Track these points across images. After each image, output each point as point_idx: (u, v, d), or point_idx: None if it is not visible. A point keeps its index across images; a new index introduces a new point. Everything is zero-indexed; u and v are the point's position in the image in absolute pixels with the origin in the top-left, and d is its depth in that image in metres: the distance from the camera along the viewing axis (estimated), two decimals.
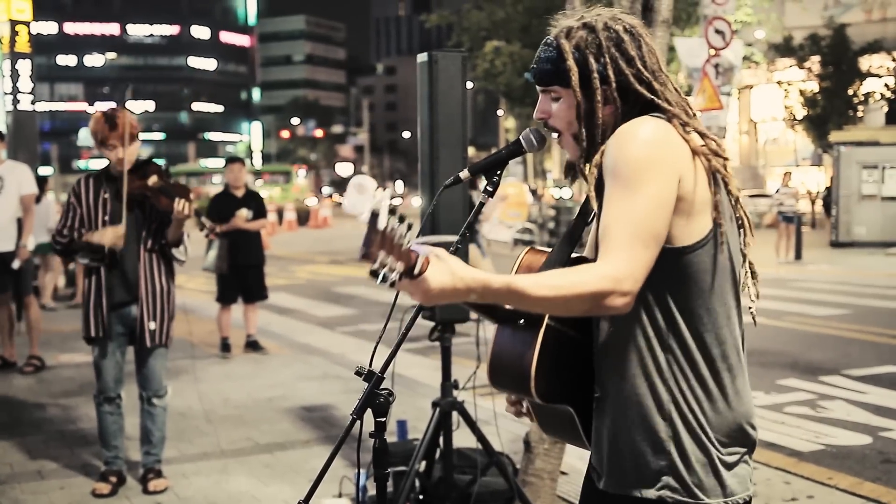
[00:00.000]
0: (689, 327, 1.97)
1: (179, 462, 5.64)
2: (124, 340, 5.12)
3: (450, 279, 1.83)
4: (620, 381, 2.01)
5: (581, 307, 1.87)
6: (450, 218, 4.33)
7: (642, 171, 1.89)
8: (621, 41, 2.03)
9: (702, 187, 1.95)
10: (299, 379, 8.09)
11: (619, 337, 2.01)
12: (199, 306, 12.28)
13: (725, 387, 1.99)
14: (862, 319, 11.32)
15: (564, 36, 2.07)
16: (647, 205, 1.88)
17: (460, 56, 4.52)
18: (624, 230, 1.87)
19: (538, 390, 2.01)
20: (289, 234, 33.24)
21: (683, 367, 1.97)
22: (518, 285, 1.86)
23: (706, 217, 1.96)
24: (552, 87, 2.09)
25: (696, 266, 1.96)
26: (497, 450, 4.62)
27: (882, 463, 5.76)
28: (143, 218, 5.04)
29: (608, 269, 1.85)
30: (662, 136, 1.93)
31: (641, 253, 1.87)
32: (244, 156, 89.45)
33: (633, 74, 2.02)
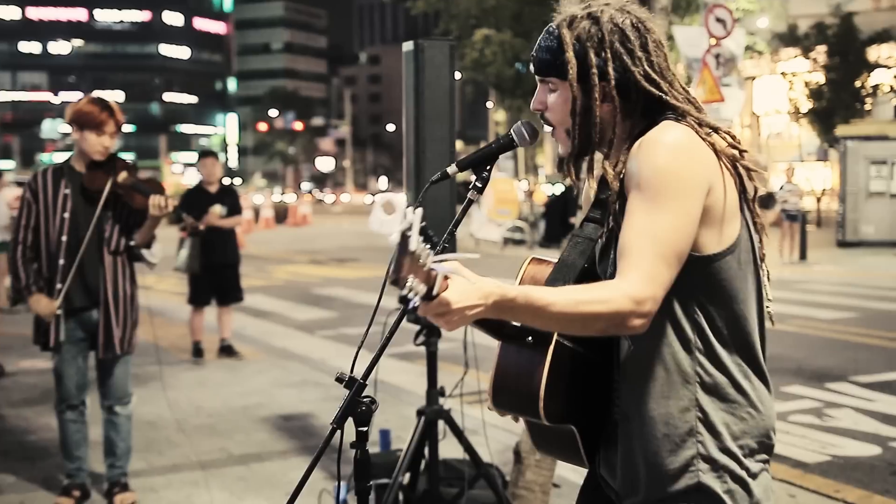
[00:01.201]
0: (718, 337, 1.99)
1: (148, 475, 5.60)
2: (85, 345, 5.07)
3: (467, 297, 1.82)
4: (646, 400, 2.02)
5: (598, 326, 1.89)
6: (437, 215, 4.31)
7: (669, 184, 1.89)
8: (626, 37, 2.02)
9: (731, 193, 1.96)
10: (276, 386, 8.07)
11: (644, 355, 2.02)
12: (170, 309, 12.25)
13: (753, 394, 2.02)
14: (870, 323, 11.37)
15: (567, 25, 2.06)
16: (673, 221, 1.88)
17: (448, 45, 4.51)
18: (648, 247, 1.88)
19: (547, 412, 2.02)
20: (266, 231, 33.23)
21: (713, 376, 1.99)
22: (536, 299, 1.86)
23: (735, 222, 1.98)
24: (550, 79, 2.09)
25: (725, 273, 1.98)
26: (485, 461, 4.62)
27: (892, 475, 5.77)
28: (107, 216, 4.98)
29: (630, 288, 1.86)
30: (689, 145, 1.93)
31: (664, 273, 1.88)
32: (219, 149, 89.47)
33: (639, 73, 2.01)
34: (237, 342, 9.70)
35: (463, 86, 30.47)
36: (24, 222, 4.96)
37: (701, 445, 1.99)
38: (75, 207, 4.93)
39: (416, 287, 1.76)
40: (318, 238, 29.38)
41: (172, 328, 10.81)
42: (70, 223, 4.91)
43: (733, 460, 1.99)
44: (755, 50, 25.91)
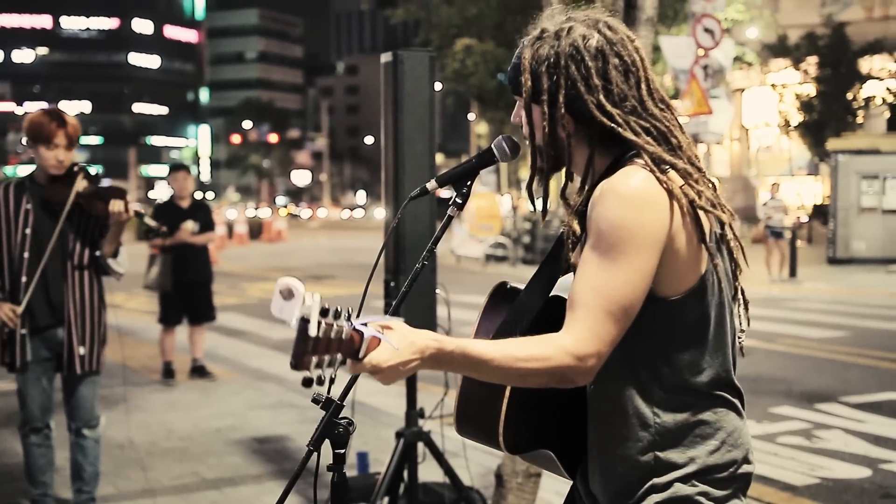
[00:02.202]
0: (680, 378, 2.01)
1: (116, 500, 5.59)
2: (50, 366, 5.03)
3: (398, 354, 1.85)
4: (608, 441, 2.07)
5: (539, 382, 1.91)
6: (415, 231, 4.35)
7: (622, 239, 1.90)
8: (583, 62, 2.00)
9: (690, 237, 1.96)
10: (251, 408, 8.05)
11: (604, 398, 2.07)
12: (140, 328, 12.21)
13: (717, 430, 2.04)
14: (861, 342, 11.44)
15: (531, 44, 2.07)
16: (624, 277, 1.90)
17: (428, 55, 4.55)
18: (596, 302, 1.89)
19: (506, 444, 2.06)
20: (239, 248, 33.13)
21: (676, 420, 2.02)
22: (475, 353, 1.88)
23: (697, 265, 1.98)
24: (515, 96, 2.13)
25: (688, 315, 1.99)
26: (466, 484, 4.64)
27: (882, 498, 5.82)
28: (69, 229, 4.95)
29: (573, 344, 1.88)
30: (646, 196, 1.92)
31: (610, 329, 1.90)
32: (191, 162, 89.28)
33: (592, 102, 2.00)
34: (210, 362, 9.67)
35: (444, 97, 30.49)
36: None
37: (658, 481, 2.02)
38: (37, 222, 4.89)
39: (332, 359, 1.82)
40: (294, 254, 29.32)
41: (142, 348, 10.77)
42: (32, 239, 4.88)
43: (692, 491, 2.01)
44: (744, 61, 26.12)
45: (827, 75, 36.87)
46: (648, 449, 2.02)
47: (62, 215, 4.87)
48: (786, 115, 38.49)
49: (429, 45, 26.53)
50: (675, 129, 2.05)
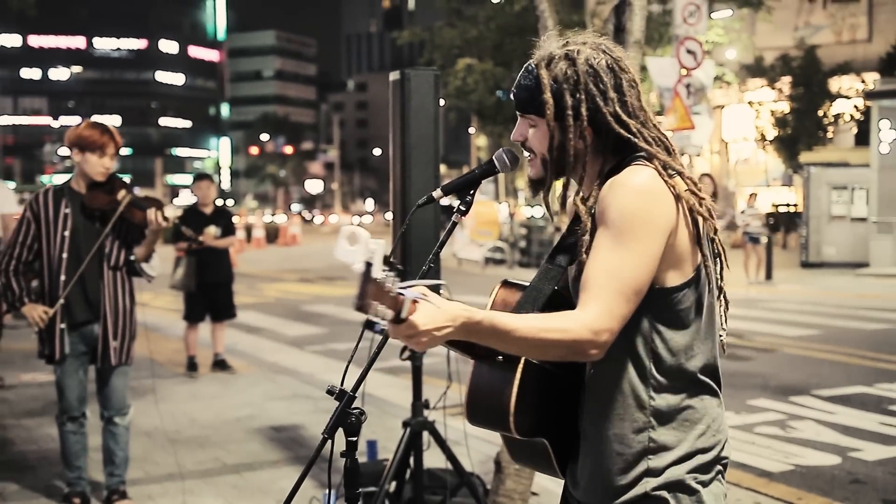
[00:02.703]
0: (674, 363, 2.04)
1: (145, 483, 5.59)
2: (86, 359, 5.06)
3: (434, 320, 1.86)
4: (604, 420, 2.07)
5: (556, 353, 1.94)
6: (422, 237, 4.35)
7: (634, 226, 1.93)
8: (600, 78, 2.05)
9: (687, 235, 2.01)
10: (268, 398, 8.06)
11: (604, 379, 2.07)
12: (166, 325, 12.22)
13: (704, 414, 2.07)
14: (832, 340, 11.44)
15: (545, 65, 2.08)
16: (634, 260, 1.93)
17: (432, 74, 4.55)
18: (609, 283, 1.92)
19: (517, 426, 2.06)
20: (257, 251, 33.13)
21: (668, 402, 2.04)
22: (501, 323, 1.90)
23: (693, 259, 2.02)
24: (529, 116, 2.12)
25: (682, 304, 2.03)
26: (468, 470, 4.64)
27: (851, 483, 5.82)
28: (109, 234, 4.99)
29: (590, 319, 1.90)
30: (654, 189, 1.97)
31: (622, 307, 1.93)
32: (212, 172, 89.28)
33: (610, 113, 2.04)
34: (230, 357, 9.68)
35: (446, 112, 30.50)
36: (20, 239, 4.95)
37: (651, 461, 2.03)
38: (75, 226, 4.94)
39: (382, 312, 1.81)
40: (308, 257, 29.31)
41: (168, 343, 10.78)
42: (70, 241, 4.93)
43: (684, 473, 2.03)
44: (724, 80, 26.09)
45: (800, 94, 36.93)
46: (643, 429, 2.03)
47: (103, 219, 4.93)
48: (762, 130, 38.53)
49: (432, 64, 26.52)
50: (665, 135, 2.10)
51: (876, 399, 8.06)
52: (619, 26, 4.43)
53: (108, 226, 4.90)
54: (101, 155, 4.90)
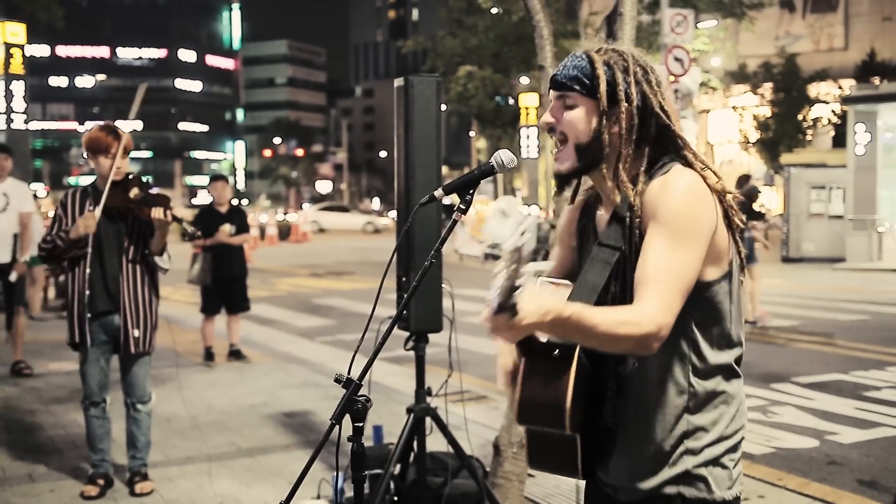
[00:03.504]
0: (709, 350, 2.04)
1: (165, 466, 5.59)
2: (108, 348, 5.07)
3: (531, 313, 1.81)
4: (645, 409, 2.07)
5: (627, 346, 1.92)
6: (425, 233, 4.34)
7: (688, 226, 1.93)
8: (647, 71, 2.06)
9: (725, 230, 2.02)
10: (280, 386, 8.05)
11: (646, 368, 2.06)
12: (185, 317, 12.21)
13: (735, 398, 2.09)
14: (810, 330, 11.43)
15: (595, 52, 2.08)
16: (689, 259, 1.93)
17: (435, 80, 4.53)
18: (668, 280, 1.91)
19: (572, 424, 2.01)
20: (270, 248, 33.10)
21: (705, 387, 2.05)
22: (587, 318, 1.87)
23: (729, 253, 2.04)
24: (570, 94, 2.06)
25: (719, 295, 2.03)
26: (468, 453, 4.63)
27: (828, 465, 5.81)
28: (124, 229, 5.00)
29: (655, 314, 1.89)
30: (702, 191, 1.97)
31: (678, 303, 1.93)
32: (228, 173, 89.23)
33: (656, 100, 2.04)
34: (245, 347, 9.67)
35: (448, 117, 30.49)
36: (54, 231, 5.01)
37: (690, 443, 2.04)
38: (97, 222, 4.95)
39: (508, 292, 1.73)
40: (318, 253, 29.29)
41: (187, 334, 10.77)
42: (92, 237, 4.94)
43: (720, 452, 2.05)
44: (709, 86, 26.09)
45: (781, 99, 36.95)
46: (682, 414, 2.04)
47: (125, 216, 4.94)
48: (745, 133, 38.56)
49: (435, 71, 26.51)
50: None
51: (852, 386, 8.05)
52: (610, 34, 4.42)
53: (116, 221, 4.90)
54: (107, 156, 4.92)
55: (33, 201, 8.74)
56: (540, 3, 4.82)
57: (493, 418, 6.59)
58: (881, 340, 10.56)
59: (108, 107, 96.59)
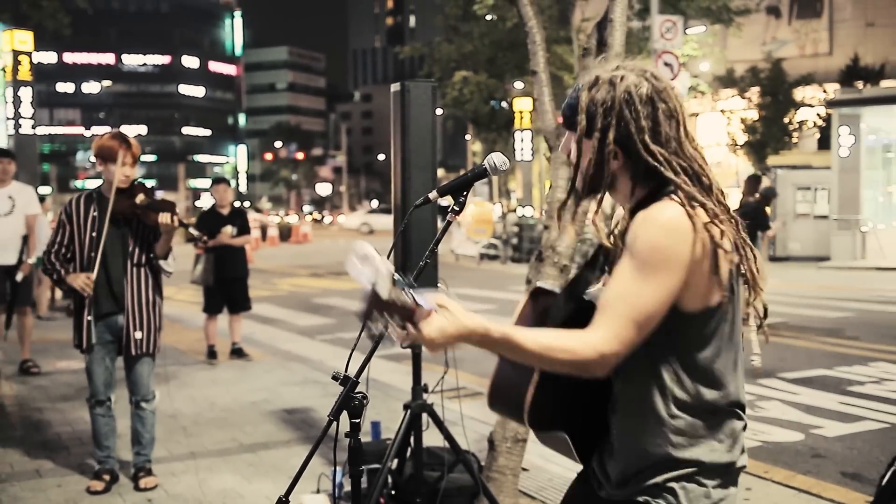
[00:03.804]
0: (693, 384, 1.98)
1: (169, 461, 5.59)
2: (113, 348, 5.07)
3: (450, 327, 1.86)
4: (627, 434, 2.04)
5: (564, 369, 1.90)
6: (420, 235, 4.34)
7: (657, 260, 1.88)
8: (634, 106, 1.97)
9: (707, 267, 1.92)
10: (281, 384, 8.05)
11: (628, 397, 2.03)
12: (188, 316, 12.20)
13: (720, 433, 2.00)
14: (796, 327, 11.45)
15: (588, 87, 2.04)
16: (652, 293, 1.88)
17: (431, 85, 4.53)
18: (624, 309, 1.88)
19: (532, 422, 2.04)
20: (271, 249, 33.08)
21: (686, 420, 1.98)
22: (514, 338, 1.88)
23: (714, 289, 1.94)
24: (571, 131, 2.09)
25: (704, 330, 1.97)
26: (463, 448, 4.62)
27: (812, 457, 5.82)
28: (130, 234, 5.00)
29: (599, 343, 1.87)
30: (680, 227, 1.90)
31: (632, 334, 1.88)
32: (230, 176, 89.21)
33: (639, 140, 1.97)
34: (246, 345, 9.67)
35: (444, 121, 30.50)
36: (57, 238, 5.01)
37: (669, 472, 1.98)
38: (101, 227, 4.95)
39: (394, 322, 1.82)
40: (318, 254, 29.27)
41: (190, 333, 10.77)
42: (96, 240, 4.93)
43: (698, 485, 1.98)
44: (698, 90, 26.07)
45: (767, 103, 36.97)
46: (662, 445, 1.98)
47: (131, 222, 4.93)
48: (733, 136, 38.56)
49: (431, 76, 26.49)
50: (707, 168, 2.02)
51: (836, 381, 8.06)
52: (601, 40, 4.42)
53: (122, 227, 4.91)
54: (118, 164, 4.91)
55: (39, 204, 8.76)
56: (533, 10, 4.82)
57: (488, 414, 6.58)
58: (865, 337, 10.58)
59: (113, 112, 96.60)
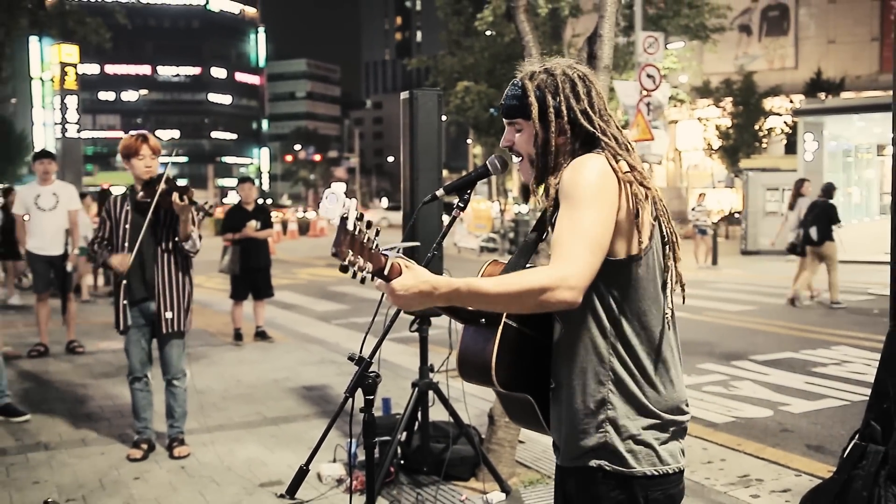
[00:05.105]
0: (630, 326, 1.95)
1: (199, 433, 5.59)
2: (147, 330, 5.06)
3: (417, 282, 1.82)
4: (570, 374, 1.98)
5: (532, 301, 1.83)
6: (427, 228, 4.33)
7: (589, 195, 1.88)
8: (574, 84, 2.02)
9: (626, 211, 1.92)
10: (300, 363, 8.04)
11: (570, 335, 1.98)
12: (216, 302, 12.20)
13: (656, 377, 1.96)
14: (766, 314, 11.42)
15: (528, 78, 2.06)
16: (592, 219, 1.86)
17: (436, 94, 4.52)
18: (571, 239, 1.85)
19: (498, 379, 1.98)
20: (292, 241, 33.07)
21: (623, 359, 1.94)
22: (477, 285, 1.85)
23: (640, 235, 1.92)
24: (516, 120, 2.07)
25: (634, 275, 1.94)
26: (466, 422, 4.62)
27: (781, 432, 5.81)
28: (157, 221, 4.98)
29: (556, 269, 1.83)
30: (606, 170, 1.92)
31: (587, 256, 1.84)
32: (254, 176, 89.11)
33: (580, 111, 2.00)
34: (269, 329, 9.66)
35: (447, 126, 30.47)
36: (100, 233, 5.05)
37: (610, 412, 1.94)
38: (133, 220, 4.95)
39: (361, 265, 1.78)
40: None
41: (218, 317, 10.76)
42: (130, 232, 4.95)
43: (638, 428, 1.94)
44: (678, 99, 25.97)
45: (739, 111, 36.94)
46: (603, 382, 1.94)
47: (149, 212, 4.91)
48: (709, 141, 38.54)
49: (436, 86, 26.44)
50: (631, 143, 2.06)
51: (802, 362, 8.04)
52: (591, 54, 4.39)
53: (149, 214, 4.89)
54: (139, 158, 4.92)
55: (79, 200, 8.79)
56: (529, 26, 4.80)
57: (488, 392, 6.58)
58: (827, 323, 10.55)
59: (149, 118, 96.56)
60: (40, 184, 8.27)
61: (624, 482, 1.93)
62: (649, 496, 1.94)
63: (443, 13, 28.38)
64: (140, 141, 4.96)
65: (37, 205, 8.21)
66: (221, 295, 12.33)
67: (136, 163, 4.94)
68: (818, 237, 11.87)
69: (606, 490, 1.95)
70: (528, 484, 4.56)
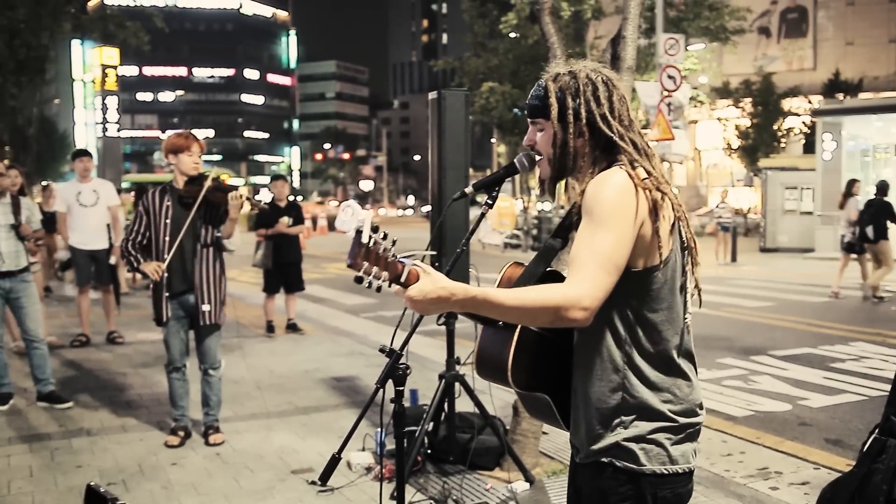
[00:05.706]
0: (646, 336, 1.93)
1: (233, 421, 5.63)
2: (185, 322, 5.10)
3: (435, 287, 1.81)
4: (585, 380, 1.98)
5: (545, 318, 1.83)
6: (455, 225, 4.32)
7: (611, 213, 1.85)
8: (596, 88, 2.00)
9: (650, 225, 1.89)
10: (330, 355, 8.07)
11: (586, 342, 1.98)
12: (249, 295, 12.28)
13: (671, 383, 1.94)
14: (784, 310, 11.29)
15: (552, 79, 2.04)
16: (612, 240, 1.84)
17: (463, 94, 4.51)
18: (589, 258, 1.84)
19: (515, 380, 1.98)
20: (321, 237, 33.22)
21: (638, 367, 1.93)
22: (493, 295, 1.83)
23: (662, 247, 1.91)
24: (538, 120, 2.06)
25: (653, 285, 1.92)
26: (491, 414, 4.62)
27: (799, 425, 5.74)
28: (198, 217, 5.01)
29: (572, 288, 1.82)
30: (627, 187, 1.89)
31: (602, 277, 1.83)
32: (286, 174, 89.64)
33: (599, 115, 1.98)
34: (300, 321, 9.71)
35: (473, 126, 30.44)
36: (135, 227, 5.03)
37: (625, 417, 1.93)
38: (175, 214, 4.98)
39: (376, 274, 1.77)
40: None
41: (251, 310, 10.83)
42: (171, 226, 4.97)
43: (652, 430, 1.92)
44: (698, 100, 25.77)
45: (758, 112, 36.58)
46: (617, 390, 1.93)
47: (194, 207, 4.95)
48: (728, 141, 38.18)
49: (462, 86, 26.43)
50: (651, 149, 2.03)
51: (820, 358, 7.95)
52: (614, 55, 4.36)
53: (193, 211, 4.93)
54: (188, 154, 4.96)
55: (118, 196, 8.95)
56: (554, 28, 4.77)
57: None
58: (845, 319, 10.42)
59: (185, 118, 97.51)
60: (80, 181, 8.37)
61: (633, 478, 1.92)
62: (658, 494, 1.92)
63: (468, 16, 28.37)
64: (190, 139, 5.02)
65: (78, 201, 8.32)
66: (254, 288, 12.40)
67: (184, 158, 4.97)
68: (874, 235, 11.70)
69: (616, 485, 1.93)
70: (551, 474, 4.54)
